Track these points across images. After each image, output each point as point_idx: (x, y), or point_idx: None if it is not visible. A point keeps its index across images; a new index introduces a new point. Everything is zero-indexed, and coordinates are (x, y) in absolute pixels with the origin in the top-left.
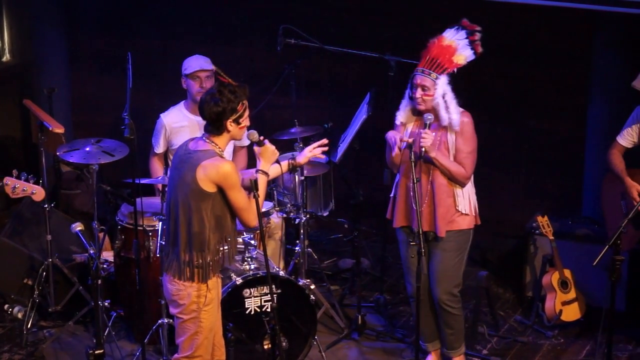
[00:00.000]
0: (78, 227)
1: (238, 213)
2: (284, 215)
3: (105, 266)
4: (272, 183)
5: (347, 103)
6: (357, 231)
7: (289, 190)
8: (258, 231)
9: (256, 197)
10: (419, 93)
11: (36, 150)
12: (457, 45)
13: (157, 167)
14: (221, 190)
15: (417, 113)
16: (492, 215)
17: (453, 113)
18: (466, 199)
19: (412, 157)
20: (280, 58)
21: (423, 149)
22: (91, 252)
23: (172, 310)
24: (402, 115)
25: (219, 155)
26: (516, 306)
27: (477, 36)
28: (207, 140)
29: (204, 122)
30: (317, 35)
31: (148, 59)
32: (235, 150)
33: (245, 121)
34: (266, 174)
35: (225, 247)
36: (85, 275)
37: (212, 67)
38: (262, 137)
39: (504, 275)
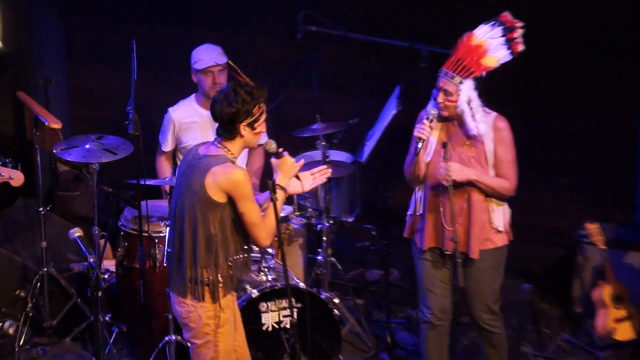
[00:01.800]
0: (76, 232)
1: (249, 229)
2: (305, 221)
3: (106, 276)
4: None
5: (374, 97)
6: (386, 239)
7: (311, 193)
8: (276, 238)
9: (274, 202)
10: (441, 98)
11: (30, 147)
12: (489, 46)
13: (164, 167)
14: (232, 201)
15: (443, 119)
16: (536, 223)
17: (480, 122)
18: (500, 213)
19: (446, 176)
20: (300, 47)
21: (451, 180)
22: (91, 260)
23: (185, 335)
24: (434, 109)
25: (231, 162)
26: (563, 323)
27: (517, 33)
28: (219, 145)
29: None
30: (341, 22)
31: (155, 47)
32: (251, 149)
33: (261, 126)
34: (284, 189)
35: (240, 256)
36: (84, 286)
37: (225, 59)
38: (281, 149)
39: (550, 289)
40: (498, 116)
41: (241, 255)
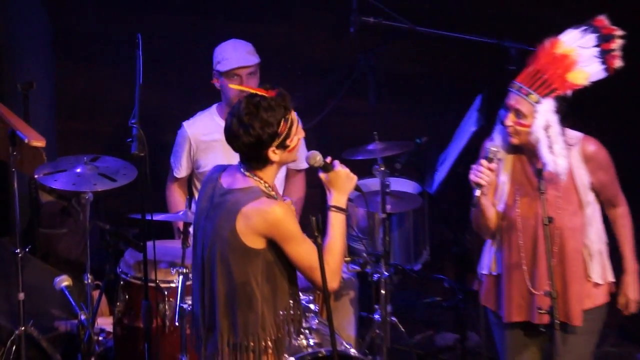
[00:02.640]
0: (64, 282)
1: (306, 274)
2: (357, 269)
3: (101, 338)
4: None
5: (448, 109)
6: (463, 293)
7: (365, 233)
8: (319, 292)
9: (318, 245)
10: (510, 120)
11: (5, 171)
12: (578, 57)
13: (177, 198)
14: (273, 243)
15: (514, 149)
16: None
17: (560, 155)
18: (597, 260)
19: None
20: (353, 44)
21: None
22: (82, 317)
23: None
24: (495, 145)
25: (266, 194)
26: None
27: (616, 44)
28: (247, 173)
29: None
30: (406, 13)
31: (166, 43)
32: (289, 174)
33: (297, 137)
34: (343, 210)
35: (292, 311)
36: (72, 350)
37: (256, 59)
38: (328, 159)
39: None
40: (585, 139)
41: (292, 308)
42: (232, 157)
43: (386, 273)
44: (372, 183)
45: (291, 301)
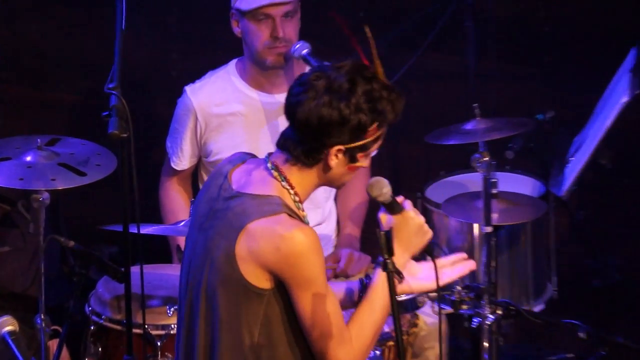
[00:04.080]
0: (5, 325)
1: (314, 340)
2: (449, 310)
3: None
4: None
5: (585, 72)
6: (607, 346)
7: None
8: (392, 342)
9: (389, 274)
10: None
11: None
12: None
13: (176, 201)
14: (282, 287)
15: None
16: None
17: None
18: None
19: None
20: None
21: None
22: None
23: None
24: None
25: (288, 211)
26: None
27: None
28: (275, 173)
29: (282, 114)
30: None
31: None
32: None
33: (366, 160)
34: (399, 274)
35: None
36: None
37: None
38: (400, 198)
39: None
40: None
41: None
42: (258, 142)
43: (491, 316)
44: (471, 180)
45: None
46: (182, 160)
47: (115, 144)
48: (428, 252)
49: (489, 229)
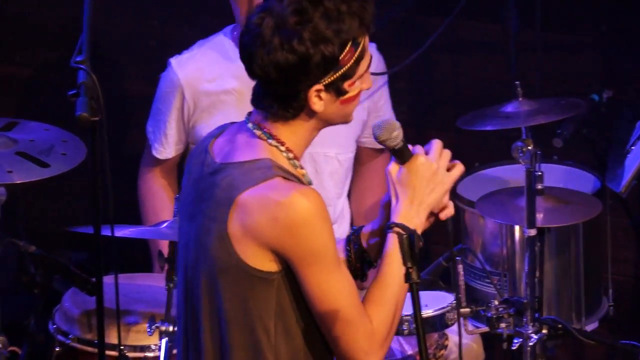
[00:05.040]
0: None
1: (328, 327)
2: (485, 329)
3: None
4: (461, 244)
5: None
6: None
7: (497, 264)
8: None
9: (413, 286)
10: None
11: None
12: None
13: (158, 197)
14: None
15: None
16: None
17: None
18: None
19: None
20: None
21: None
22: None
23: None
24: None
25: (282, 173)
26: None
27: None
28: (258, 132)
29: None
30: None
31: None
32: (362, 157)
33: (362, 83)
34: (414, 234)
35: None
36: None
37: None
38: (411, 146)
39: None
40: None
41: None
42: None
43: (535, 336)
44: (511, 174)
45: None
46: (166, 147)
47: (84, 129)
48: (449, 260)
49: (532, 232)
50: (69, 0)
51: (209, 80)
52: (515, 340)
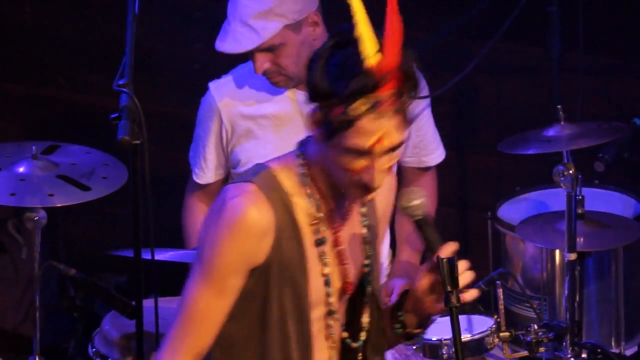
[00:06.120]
0: None
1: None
2: (524, 354)
3: None
4: (502, 268)
5: None
6: None
7: (537, 288)
8: None
9: (453, 312)
10: None
11: None
12: None
13: (199, 220)
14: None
15: None
16: None
17: None
18: None
19: None
20: None
21: None
22: None
23: None
24: None
25: (258, 184)
26: None
27: None
28: (299, 154)
29: None
30: None
31: None
32: (408, 176)
33: (386, 159)
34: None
35: None
36: None
37: (259, 39)
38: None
39: None
40: None
41: None
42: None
43: None
44: (552, 198)
45: None
46: (206, 172)
47: (126, 152)
48: (489, 284)
49: (573, 257)
50: (112, 22)
51: (246, 104)
52: None
